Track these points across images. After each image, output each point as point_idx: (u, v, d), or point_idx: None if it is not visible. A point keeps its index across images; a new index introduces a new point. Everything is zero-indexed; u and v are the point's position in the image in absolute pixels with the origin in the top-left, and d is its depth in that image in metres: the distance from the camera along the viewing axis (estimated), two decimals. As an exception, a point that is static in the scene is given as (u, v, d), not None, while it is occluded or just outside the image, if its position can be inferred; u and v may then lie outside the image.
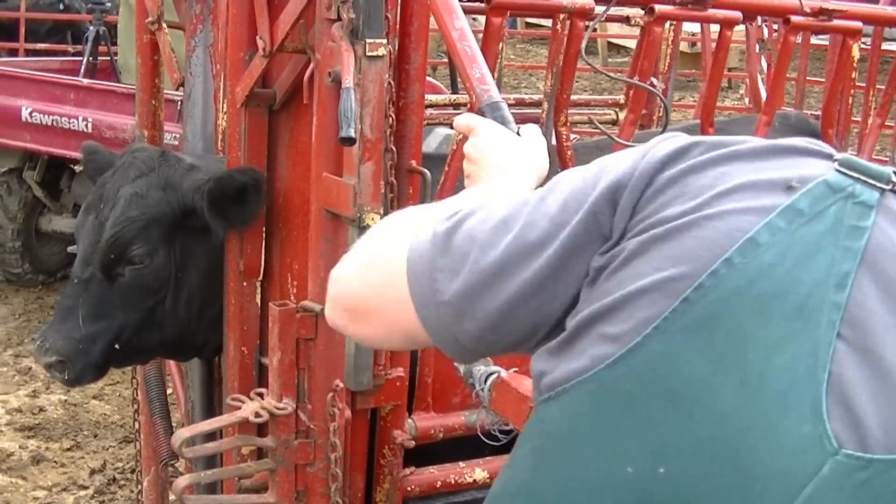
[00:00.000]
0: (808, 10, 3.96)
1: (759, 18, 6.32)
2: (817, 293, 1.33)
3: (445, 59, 8.80)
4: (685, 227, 1.43)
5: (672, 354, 1.38)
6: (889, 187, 1.40)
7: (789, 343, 1.32)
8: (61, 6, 10.37)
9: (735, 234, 1.38)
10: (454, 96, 6.36)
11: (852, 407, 1.28)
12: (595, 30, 3.72)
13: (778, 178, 1.43)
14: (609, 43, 18.47)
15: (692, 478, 1.36)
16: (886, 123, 5.28)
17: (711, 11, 3.68)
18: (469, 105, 2.53)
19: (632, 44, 16.83)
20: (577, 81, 16.50)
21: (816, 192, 1.39)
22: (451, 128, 6.21)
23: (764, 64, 6.90)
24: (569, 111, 3.64)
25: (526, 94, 11.33)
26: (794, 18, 3.94)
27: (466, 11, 2.98)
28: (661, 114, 5.86)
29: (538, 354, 1.59)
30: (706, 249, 1.39)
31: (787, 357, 1.31)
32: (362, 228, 2.86)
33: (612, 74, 4.04)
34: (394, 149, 3.08)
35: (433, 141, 6.34)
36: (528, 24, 18.16)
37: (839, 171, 1.42)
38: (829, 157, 1.48)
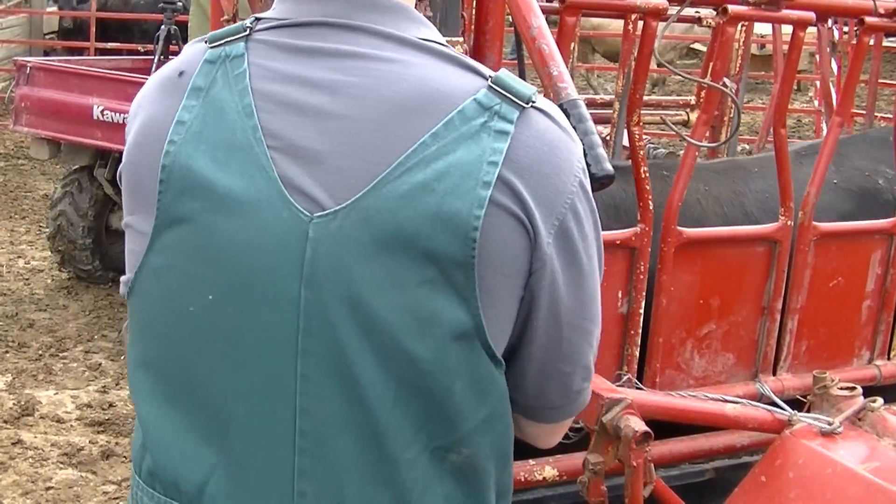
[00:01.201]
0: (881, 11, 3.94)
1: (830, 20, 6.27)
2: (240, 126, 1.72)
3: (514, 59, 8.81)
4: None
5: (175, 217, 1.77)
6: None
7: (245, 168, 1.70)
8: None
9: (165, 124, 1.79)
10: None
11: (301, 187, 1.68)
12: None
13: (170, 74, 1.85)
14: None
15: (229, 295, 1.74)
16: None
17: (785, 12, 3.66)
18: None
19: (700, 45, 16.74)
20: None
21: (204, 71, 1.79)
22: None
23: (834, 66, 6.84)
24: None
25: (591, 93, 11.30)
26: (869, 20, 3.92)
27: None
28: (731, 115, 5.84)
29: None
30: (150, 136, 1.81)
31: (247, 179, 1.70)
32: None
33: (685, 75, 4.03)
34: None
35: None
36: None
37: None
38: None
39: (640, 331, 3.74)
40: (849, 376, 3.97)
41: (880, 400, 3.31)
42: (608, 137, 5.64)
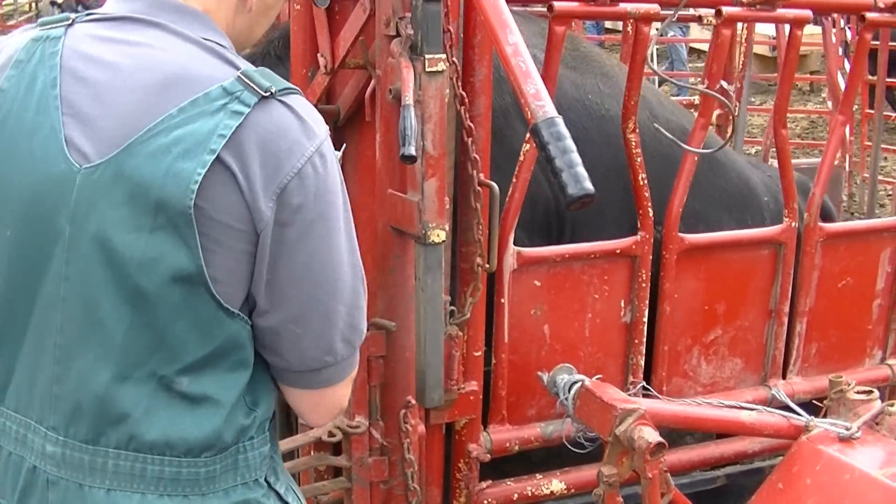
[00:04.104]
0: (882, 6, 3.88)
1: (843, 21, 6.22)
2: (44, 94, 2.06)
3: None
4: None
5: None
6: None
7: (39, 126, 2.05)
8: None
9: None
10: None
11: (77, 145, 2.01)
12: (664, 34, 3.68)
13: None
14: (689, 47, 18.23)
15: (21, 230, 2.08)
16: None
17: (781, 11, 3.61)
18: (527, 121, 2.50)
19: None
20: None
21: (27, 47, 2.15)
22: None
23: (847, 66, 6.77)
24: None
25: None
26: (870, 15, 3.87)
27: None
28: (733, 119, 5.80)
29: None
30: None
31: (42, 137, 2.04)
32: (428, 245, 2.85)
33: (675, 81, 3.99)
34: (478, 157, 3.09)
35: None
36: (607, 30, 18.01)
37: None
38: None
39: (645, 339, 3.70)
40: (861, 377, 3.93)
41: (899, 403, 3.26)
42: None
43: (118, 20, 2.13)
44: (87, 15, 2.18)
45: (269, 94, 2.02)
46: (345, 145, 3.17)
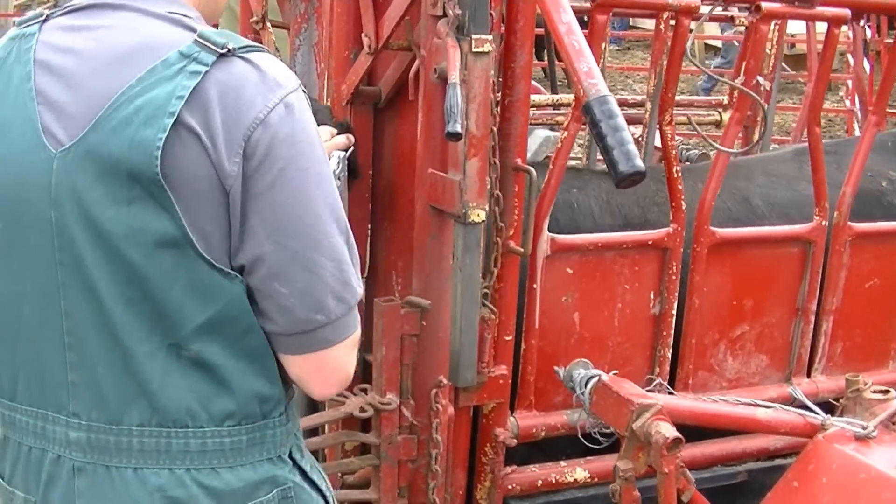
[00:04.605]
0: (917, 9, 3.89)
1: (863, 19, 6.21)
2: (20, 88, 2.10)
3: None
4: None
5: None
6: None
7: (16, 119, 2.08)
8: None
9: None
10: (555, 97, 6.36)
11: (52, 132, 2.04)
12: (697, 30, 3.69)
13: None
14: (706, 45, 18.24)
15: (6, 222, 2.12)
16: None
17: (819, 9, 3.62)
18: (576, 99, 2.51)
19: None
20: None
21: (5, 45, 2.21)
22: (552, 129, 6.24)
23: (866, 65, 6.77)
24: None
25: (623, 95, 11.23)
26: (904, 16, 3.88)
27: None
28: (763, 116, 5.79)
29: None
30: None
31: (19, 130, 2.08)
32: (468, 224, 2.86)
33: (717, 76, 4.00)
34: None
35: (532, 143, 6.33)
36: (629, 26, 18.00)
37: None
38: None
39: (673, 332, 3.70)
40: (884, 379, 3.92)
41: (916, 402, 3.26)
42: (640, 138, 5.62)
43: (86, 9, 2.16)
44: (59, 9, 2.22)
45: (226, 51, 2.03)
46: (352, 148, 3.17)
